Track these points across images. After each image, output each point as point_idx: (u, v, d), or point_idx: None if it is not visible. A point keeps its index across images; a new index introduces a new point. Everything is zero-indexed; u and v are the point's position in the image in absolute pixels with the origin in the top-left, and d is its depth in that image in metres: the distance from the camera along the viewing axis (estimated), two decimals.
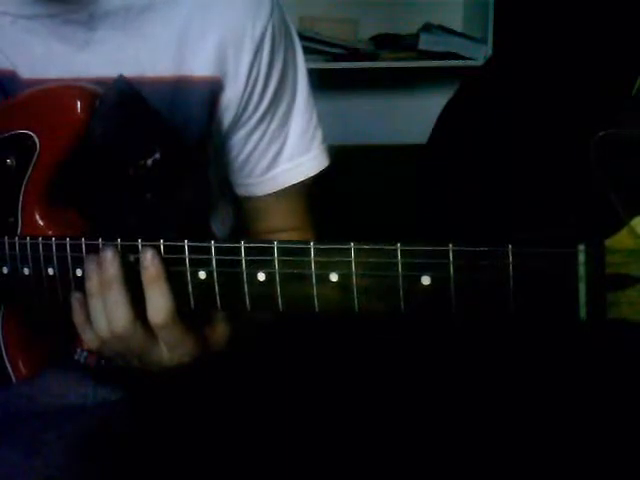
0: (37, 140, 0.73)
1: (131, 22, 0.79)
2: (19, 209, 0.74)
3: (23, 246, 0.71)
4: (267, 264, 0.60)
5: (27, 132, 0.74)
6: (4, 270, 0.72)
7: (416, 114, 2.54)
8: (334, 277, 0.58)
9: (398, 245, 0.56)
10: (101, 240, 0.66)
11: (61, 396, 0.85)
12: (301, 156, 0.89)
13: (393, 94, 2.83)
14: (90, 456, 0.81)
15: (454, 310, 0.55)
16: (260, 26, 0.82)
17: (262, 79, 0.84)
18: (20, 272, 0.71)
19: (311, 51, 2.48)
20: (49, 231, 0.72)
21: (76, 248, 0.68)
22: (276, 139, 0.88)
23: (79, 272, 0.68)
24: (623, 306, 0.51)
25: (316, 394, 1.56)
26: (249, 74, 0.83)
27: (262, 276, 0.60)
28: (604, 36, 1.64)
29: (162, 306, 0.64)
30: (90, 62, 0.79)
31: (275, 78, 0.85)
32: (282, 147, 0.89)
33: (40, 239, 0.70)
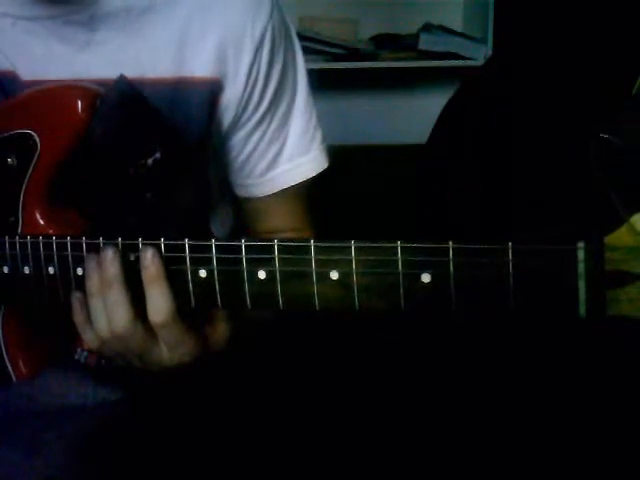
0: (38, 140, 0.73)
1: (131, 23, 0.79)
2: (20, 208, 0.74)
3: (23, 245, 0.71)
4: (268, 262, 0.60)
5: (28, 132, 0.74)
6: (4, 269, 0.72)
7: (416, 114, 2.53)
8: (334, 275, 0.58)
9: (398, 243, 0.56)
10: (102, 239, 0.66)
11: (61, 396, 0.85)
12: (301, 157, 0.89)
13: (393, 94, 2.83)
14: (90, 456, 0.81)
15: (454, 308, 0.55)
16: (260, 27, 0.82)
17: (262, 80, 0.84)
18: (21, 271, 0.71)
19: (311, 51, 2.48)
20: (49, 230, 0.72)
21: (77, 247, 0.68)
22: (276, 140, 0.88)
23: (80, 271, 0.68)
24: (623, 303, 0.51)
25: (316, 394, 1.56)
26: (249, 74, 0.83)
27: (263, 274, 0.60)
28: (604, 36, 1.64)
29: (162, 306, 0.64)
30: (90, 63, 0.79)
31: (275, 79, 0.85)
32: (282, 148, 0.89)
33: (41, 238, 0.70)
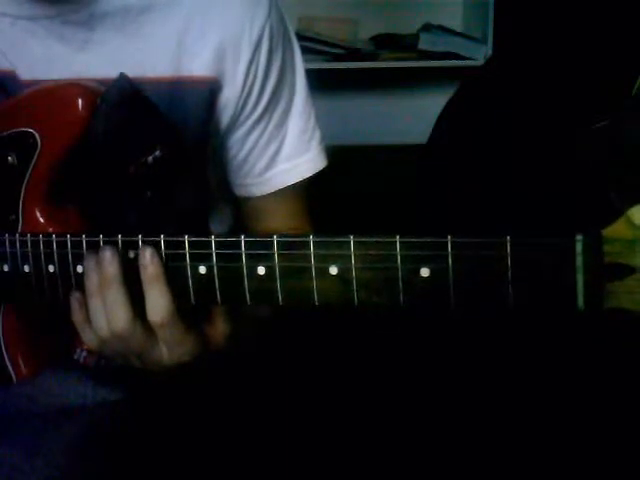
0: (38, 138, 0.73)
1: (130, 23, 0.79)
2: (20, 207, 0.74)
3: (24, 243, 0.71)
4: (267, 258, 0.60)
5: (28, 130, 0.74)
6: (5, 268, 0.72)
7: (416, 114, 2.54)
8: (334, 270, 0.58)
9: (397, 237, 0.56)
10: (102, 236, 0.66)
11: (61, 396, 0.85)
12: (299, 156, 0.89)
13: (393, 94, 2.83)
14: (90, 456, 0.81)
15: (453, 302, 0.55)
16: (258, 27, 0.82)
17: (260, 79, 0.84)
18: (21, 270, 0.71)
19: (311, 51, 2.48)
20: (50, 229, 0.72)
21: (77, 245, 0.68)
22: (274, 139, 0.88)
23: (80, 269, 0.68)
24: (621, 296, 0.51)
25: (316, 392, 1.56)
26: (247, 74, 0.83)
27: (262, 270, 0.60)
28: (604, 36, 1.64)
29: (161, 305, 0.64)
30: (89, 63, 0.79)
31: (273, 78, 0.85)
32: (280, 147, 0.89)
33: (41, 236, 0.70)
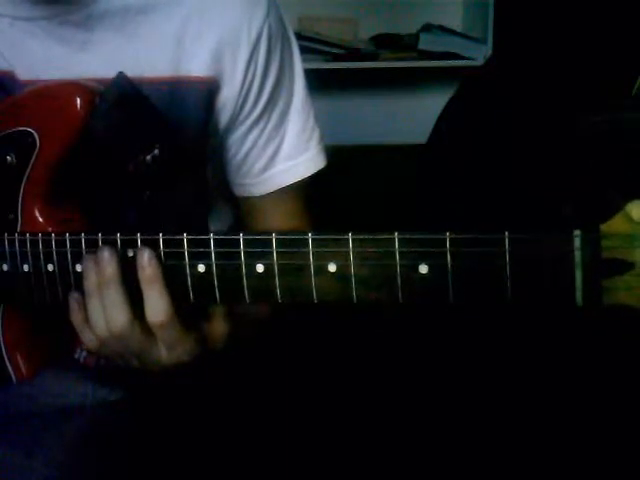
0: (37, 137, 0.73)
1: (129, 23, 0.79)
2: (19, 206, 0.74)
3: (22, 242, 0.71)
4: (266, 256, 0.60)
5: (27, 129, 0.74)
6: (4, 268, 0.72)
7: (416, 114, 2.54)
8: (332, 267, 0.58)
9: (395, 234, 0.56)
10: (100, 235, 0.66)
11: (61, 396, 0.85)
12: (298, 156, 0.89)
13: (393, 94, 2.83)
14: (90, 456, 0.81)
15: (452, 298, 0.55)
16: (256, 27, 0.82)
17: (258, 79, 0.84)
18: (20, 269, 0.71)
19: (311, 51, 2.48)
20: (49, 228, 0.72)
21: (75, 244, 0.68)
22: (273, 139, 0.88)
23: (79, 268, 0.68)
24: (620, 291, 0.51)
25: (315, 392, 1.56)
26: (245, 74, 0.83)
27: (261, 268, 0.60)
28: (604, 36, 1.64)
29: (160, 307, 0.64)
30: (88, 63, 0.79)
31: (272, 78, 0.85)
32: (279, 147, 0.88)
33: (40, 235, 0.70)
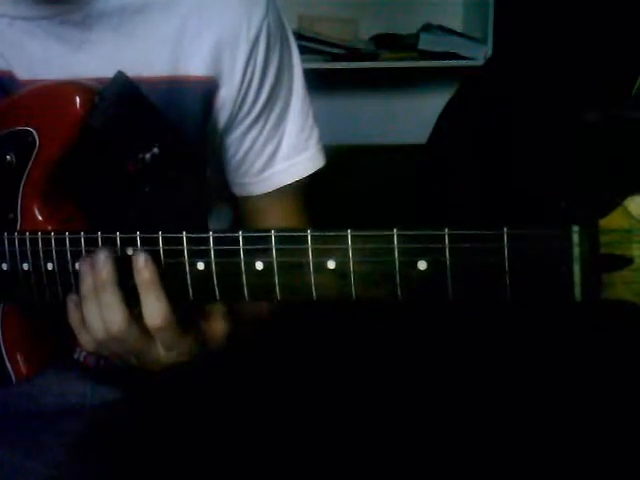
0: (37, 136, 0.73)
1: (127, 22, 0.79)
2: (19, 205, 0.74)
3: (22, 242, 0.71)
4: (265, 253, 0.60)
5: (27, 129, 0.74)
6: (4, 267, 0.72)
7: (416, 114, 2.54)
8: (331, 264, 0.58)
9: (394, 230, 0.56)
10: (100, 234, 0.66)
11: (61, 396, 0.85)
12: (297, 156, 0.89)
13: (393, 94, 2.83)
14: (90, 456, 0.81)
15: (451, 294, 0.55)
16: (255, 26, 0.82)
17: (257, 79, 0.84)
18: (20, 268, 0.71)
19: (311, 51, 2.48)
20: (48, 227, 0.72)
21: (75, 242, 0.68)
22: (272, 138, 0.88)
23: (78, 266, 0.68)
24: (618, 286, 0.51)
25: (315, 391, 1.56)
26: (244, 74, 0.83)
27: (260, 265, 0.60)
28: (604, 36, 1.64)
29: (158, 310, 0.64)
30: (87, 63, 0.79)
31: (270, 78, 0.85)
32: (278, 147, 0.88)
33: (39, 234, 0.69)
